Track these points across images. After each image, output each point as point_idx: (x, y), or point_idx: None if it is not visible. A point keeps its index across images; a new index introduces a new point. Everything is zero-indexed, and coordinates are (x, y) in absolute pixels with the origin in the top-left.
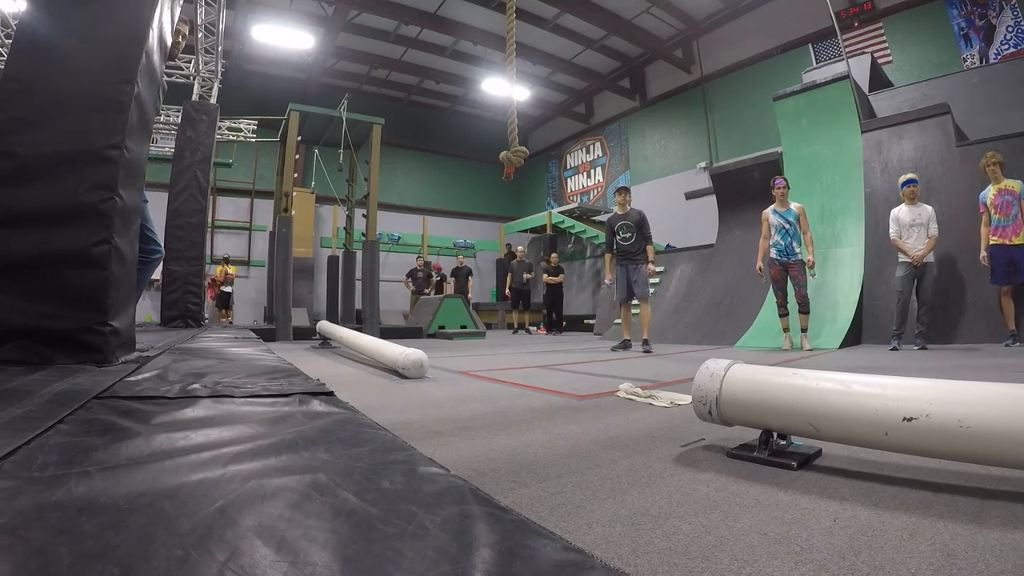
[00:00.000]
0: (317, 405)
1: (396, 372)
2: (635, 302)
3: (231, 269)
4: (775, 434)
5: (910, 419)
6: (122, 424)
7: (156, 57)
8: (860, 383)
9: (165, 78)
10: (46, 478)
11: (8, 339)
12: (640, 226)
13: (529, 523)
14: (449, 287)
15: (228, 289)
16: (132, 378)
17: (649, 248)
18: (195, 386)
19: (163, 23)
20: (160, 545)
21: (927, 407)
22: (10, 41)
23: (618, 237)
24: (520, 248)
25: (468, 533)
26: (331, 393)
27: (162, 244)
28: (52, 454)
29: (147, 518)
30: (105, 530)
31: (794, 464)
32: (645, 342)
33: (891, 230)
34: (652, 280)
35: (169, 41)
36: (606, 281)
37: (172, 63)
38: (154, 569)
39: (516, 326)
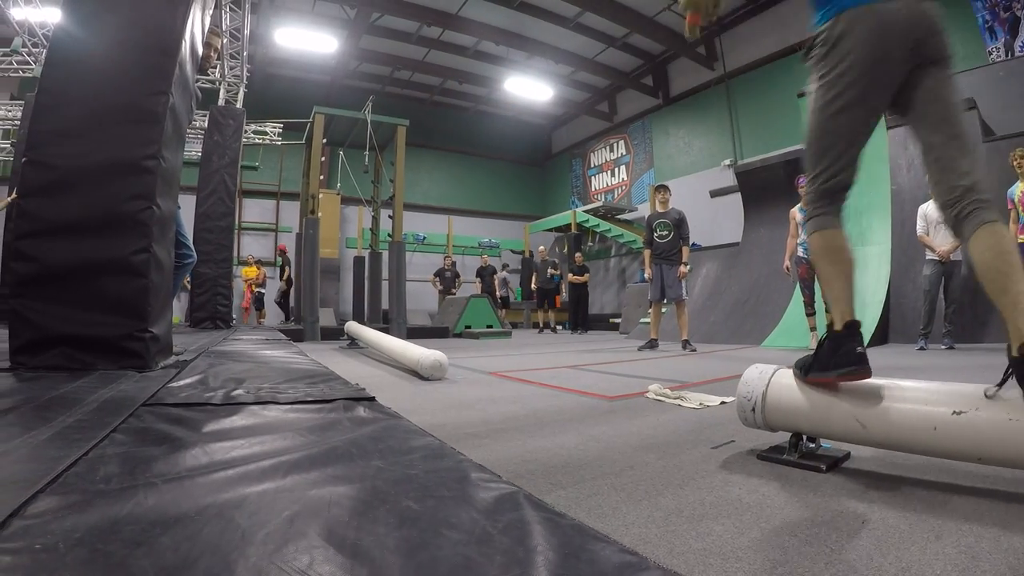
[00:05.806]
0: (361, 411)
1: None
2: (666, 302)
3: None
4: (804, 437)
5: (959, 412)
6: (175, 433)
7: (189, 67)
8: (910, 384)
9: (197, 86)
10: (112, 491)
11: (51, 346)
12: (678, 225)
13: (586, 528)
14: (475, 287)
15: (263, 291)
16: (174, 384)
17: (684, 249)
18: (238, 392)
19: (195, 33)
20: (239, 556)
21: (977, 402)
22: (37, 49)
23: (655, 234)
24: (542, 247)
25: (530, 538)
26: (372, 399)
27: (194, 248)
28: (112, 465)
29: (219, 529)
30: (181, 542)
31: (823, 467)
32: (686, 343)
33: (918, 226)
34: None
35: (201, 51)
36: (645, 275)
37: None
38: None
39: (542, 325)
